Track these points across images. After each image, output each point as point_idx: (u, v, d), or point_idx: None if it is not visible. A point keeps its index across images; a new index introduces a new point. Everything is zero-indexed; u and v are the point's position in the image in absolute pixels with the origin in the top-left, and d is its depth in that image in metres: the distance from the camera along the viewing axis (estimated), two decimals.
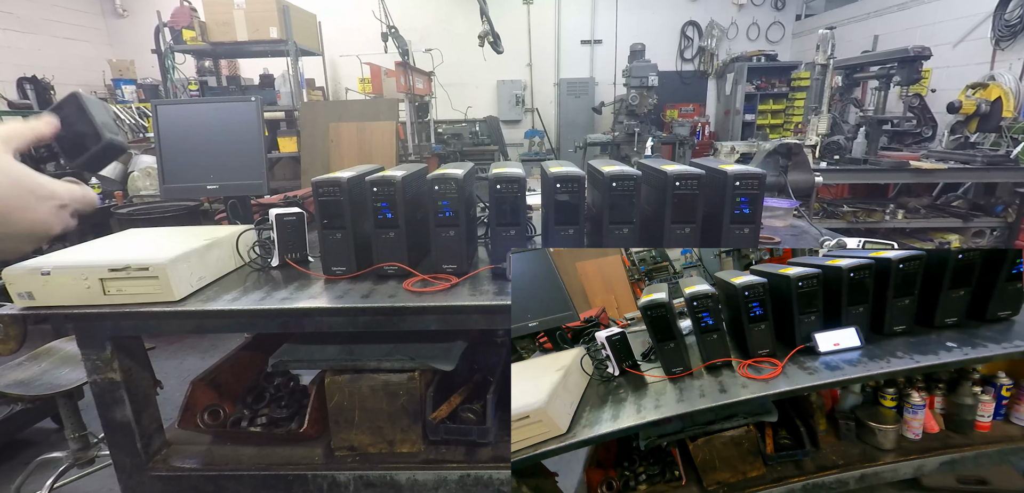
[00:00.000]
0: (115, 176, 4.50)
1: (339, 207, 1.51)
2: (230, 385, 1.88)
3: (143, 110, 6.52)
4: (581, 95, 8.60)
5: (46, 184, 0.60)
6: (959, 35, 5.53)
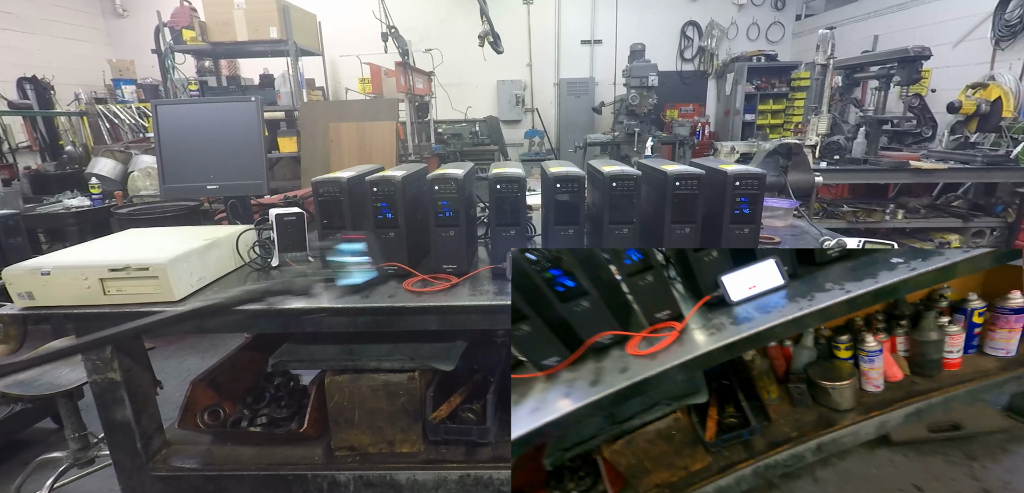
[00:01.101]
0: (115, 176, 4.50)
1: (339, 207, 1.51)
2: (230, 385, 1.88)
3: (143, 110, 6.52)
4: (581, 95, 8.59)
5: None
6: (959, 35, 5.53)
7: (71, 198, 4.12)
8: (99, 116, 6.43)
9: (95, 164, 4.54)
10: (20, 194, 4.09)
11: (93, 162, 4.61)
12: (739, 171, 1.47)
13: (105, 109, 6.50)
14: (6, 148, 6.24)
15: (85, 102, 6.84)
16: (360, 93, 7.46)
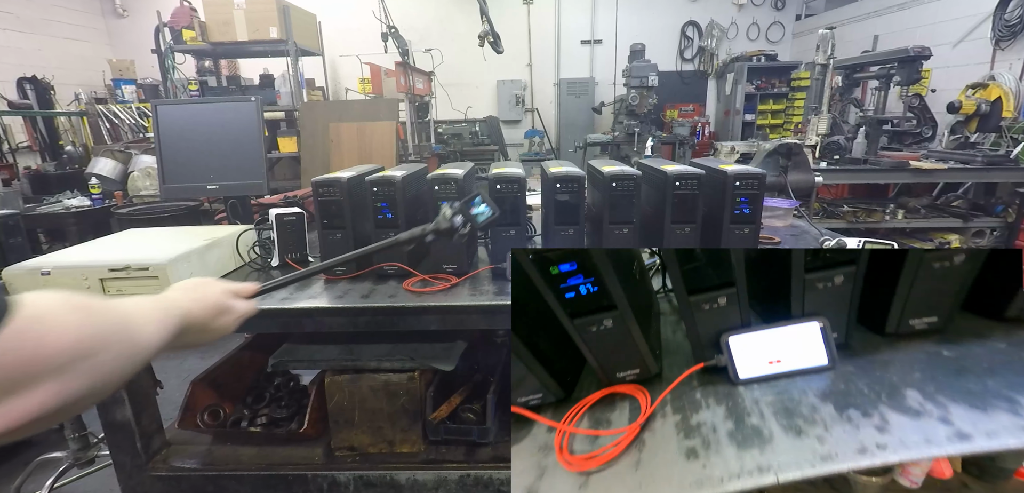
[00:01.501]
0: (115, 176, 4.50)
1: (339, 207, 1.51)
2: (230, 385, 1.88)
3: (143, 110, 6.52)
4: (581, 95, 8.59)
5: (234, 307, 0.85)
6: (959, 35, 5.53)
7: (71, 198, 4.12)
8: (99, 116, 6.43)
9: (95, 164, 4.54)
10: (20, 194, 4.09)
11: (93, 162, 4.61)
12: (739, 171, 1.46)
13: (105, 109, 6.50)
14: (6, 148, 6.24)
15: (85, 102, 6.84)
16: (360, 93, 7.47)
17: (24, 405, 0.46)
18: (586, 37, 8.86)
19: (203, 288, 0.80)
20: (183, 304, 0.73)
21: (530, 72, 8.90)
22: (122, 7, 8.35)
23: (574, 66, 8.92)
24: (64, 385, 0.49)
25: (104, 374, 0.54)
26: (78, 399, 0.51)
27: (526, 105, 9.01)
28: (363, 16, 6.70)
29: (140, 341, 0.61)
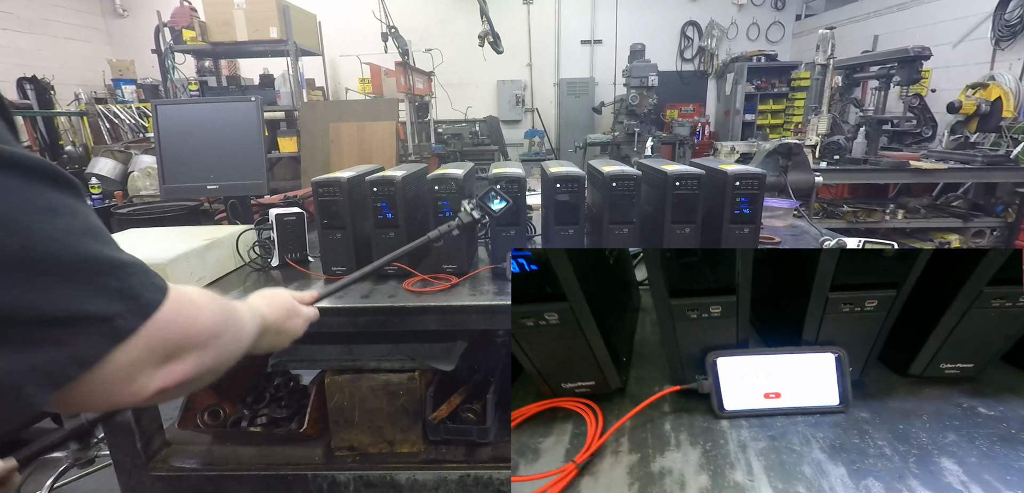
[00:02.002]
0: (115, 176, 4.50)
1: (339, 207, 1.51)
2: (230, 385, 1.88)
3: (143, 110, 6.52)
4: (581, 95, 8.59)
5: (301, 310, 0.93)
6: (959, 35, 5.53)
7: None
8: (99, 116, 6.43)
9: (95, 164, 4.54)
10: None
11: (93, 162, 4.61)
12: (739, 171, 1.46)
13: (105, 109, 6.50)
14: None
15: (85, 102, 6.83)
16: (360, 93, 7.46)
17: (180, 369, 0.55)
18: (586, 37, 8.85)
19: (274, 294, 0.89)
20: (262, 308, 0.81)
21: (530, 72, 8.90)
22: (122, 7, 8.35)
23: (574, 66, 8.92)
24: (202, 357, 0.58)
25: (224, 354, 0.63)
26: (207, 372, 0.59)
27: (526, 105, 9.01)
28: (363, 16, 6.69)
29: (244, 333, 0.70)
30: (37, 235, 0.43)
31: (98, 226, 0.50)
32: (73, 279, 0.45)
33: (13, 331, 0.42)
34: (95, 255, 0.47)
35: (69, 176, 0.49)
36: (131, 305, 0.49)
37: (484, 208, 1.25)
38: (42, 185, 0.45)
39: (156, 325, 0.51)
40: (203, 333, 0.58)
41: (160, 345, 0.52)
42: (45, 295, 0.43)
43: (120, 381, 0.49)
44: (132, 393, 0.50)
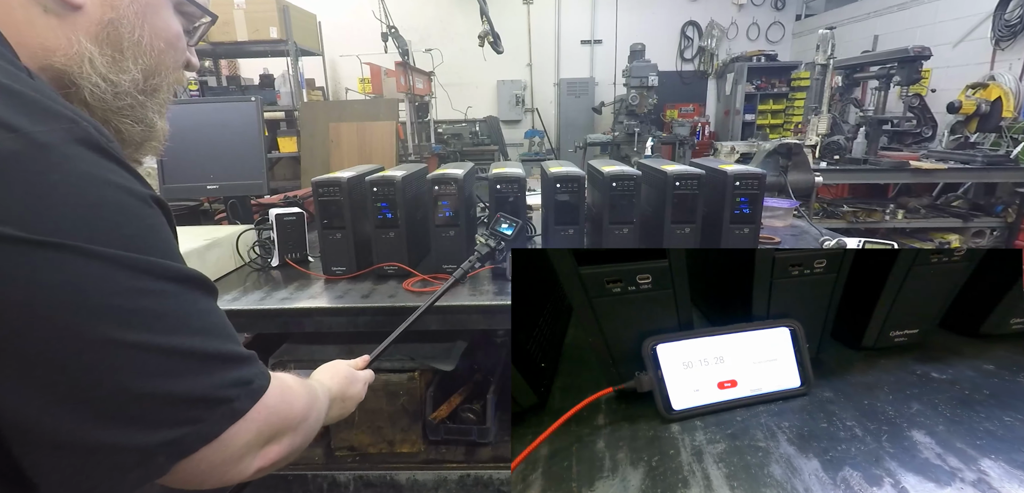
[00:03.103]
0: None
1: (339, 207, 1.51)
2: None
3: None
4: (581, 95, 8.59)
5: (359, 375, 0.99)
6: (959, 35, 5.53)
7: None
8: None
9: None
10: None
11: None
12: (739, 171, 1.46)
13: None
14: None
15: None
16: (360, 93, 7.46)
17: (276, 450, 0.62)
18: (586, 37, 8.85)
19: (335, 368, 0.96)
20: (328, 382, 0.87)
21: (530, 72, 8.90)
22: None
23: (574, 66, 8.92)
24: (294, 439, 0.65)
25: (310, 434, 0.70)
26: (295, 451, 0.67)
27: (526, 105, 9.01)
28: (363, 16, 6.69)
29: (322, 410, 0.76)
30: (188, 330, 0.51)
31: (226, 325, 0.58)
32: (207, 369, 0.53)
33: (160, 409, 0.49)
34: (226, 351, 0.55)
35: (212, 285, 0.58)
36: (246, 390, 0.56)
37: (498, 236, 1.39)
38: (196, 292, 0.54)
39: (264, 408, 0.57)
40: (297, 417, 0.66)
41: (266, 427, 0.58)
42: (187, 380, 0.51)
43: (231, 459, 0.55)
44: (238, 471, 0.57)
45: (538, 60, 8.84)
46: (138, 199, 0.51)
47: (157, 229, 0.53)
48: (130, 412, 0.48)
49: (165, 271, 0.51)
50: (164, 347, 0.49)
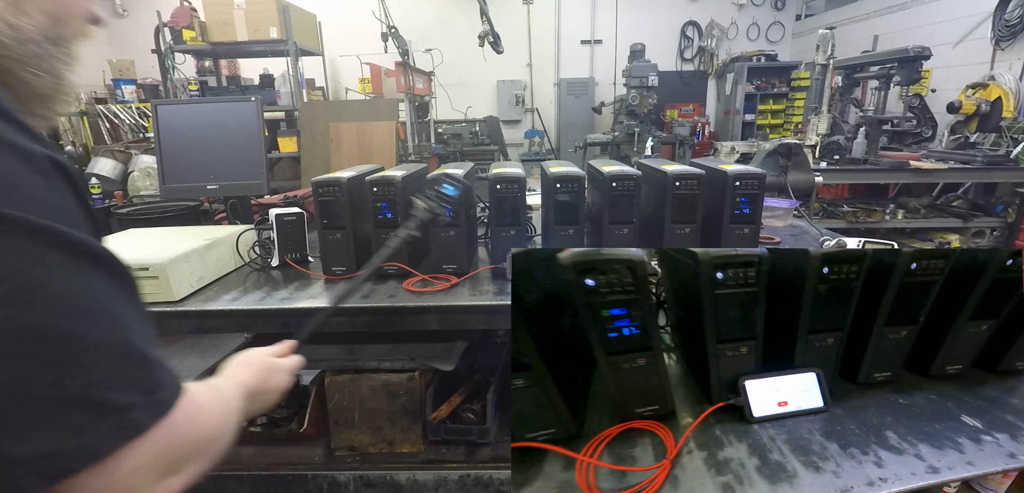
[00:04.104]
0: (115, 176, 4.50)
1: (339, 207, 1.51)
2: None
3: (143, 110, 6.52)
4: (581, 95, 8.59)
5: (281, 364, 0.90)
6: (959, 35, 5.53)
7: None
8: (99, 116, 6.43)
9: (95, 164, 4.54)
10: None
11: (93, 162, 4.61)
12: (739, 171, 1.47)
13: (105, 109, 6.50)
14: None
15: (85, 102, 6.83)
16: (360, 93, 7.46)
17: (179, 483, 0.50)
18: (586, 37, 8.85)
19: (250, 358, 0.85)
20: (242, 377, 0.77)
21: (530, 72, 8.90)
22: (122, 7, 8.35)
23: (574, 66, 8.92)
24: (200, 467, 0.54)
25: (219, 454, 0.59)
26: (200, 477, 0.55)
27: (526, 105, 9.00)
28: (363, 16, 6.69)
29: (235, 420, 0.67)
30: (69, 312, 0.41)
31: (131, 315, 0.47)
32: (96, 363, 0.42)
33: (24, 408, 0.37)
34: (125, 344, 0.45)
35: (122, 267, 0.48)
36: (148, 401, 0.46)
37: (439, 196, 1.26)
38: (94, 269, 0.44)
39: (170, 427, 0.47)
40: (208, 438, 0.55)
41: (169, 453, 0.48)
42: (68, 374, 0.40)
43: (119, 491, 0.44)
44: None
45: (538, 60, 8.84)
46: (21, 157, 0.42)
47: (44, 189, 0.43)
48: None
49: (49, 235, 0.40)
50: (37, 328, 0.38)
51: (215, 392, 0.62)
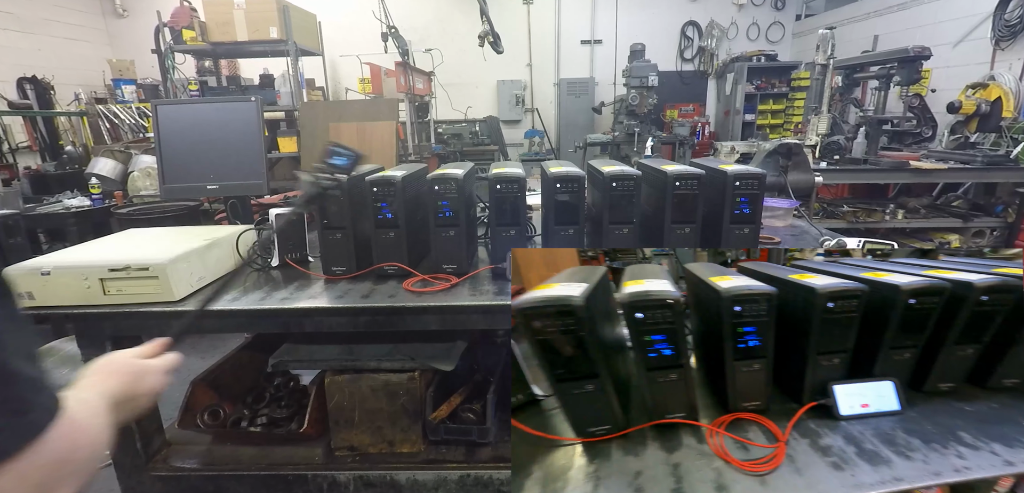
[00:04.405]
0: (115, 176, 4.50)
1: (339, 207, 1.51)
2: (230, 385, 1.88)
3: (143, 110, 6.51)
4: (581, 95, 8.59)
5: (151, 365, 0.82)
6: (959, 35, 5.53)
7: (71, 198, 4.12)
8: (99, 116, 6.43)
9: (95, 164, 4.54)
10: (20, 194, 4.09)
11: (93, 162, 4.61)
12: (739, 171, 1.47)
13: (105, 109, 6.50)
14: (6, 148, 6.24)
15: (85, 102, 6.83)
16: (360, 93, 7.47)
17: None
18: (586, 37, 8.85)
19: (113, 363, 0.77)
20: (106, 387, 0.72)
21: (530, 72, 8.90)
22: (122, 7, 8.35)
23: (574, 66, 8.92)
24: (74, 485, 0.51)
25: (92, 474, 0.55)
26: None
27: (526, 105, 9.01)
28: (363, 16, 6.69)
29: (107, 439, 0.63)
30: None
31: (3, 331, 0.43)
32: None
33: None
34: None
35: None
36: (18, 424, 0.42)
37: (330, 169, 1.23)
38: None
39: (43, 451, 0.44)
40: (84, 459, 0.51)
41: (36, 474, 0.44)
42: None
43: None
44: None
45: (538, 60, 8.84)
46: None
47: None
48: None
49: None
50: None
51: (87, 406, 0.59)
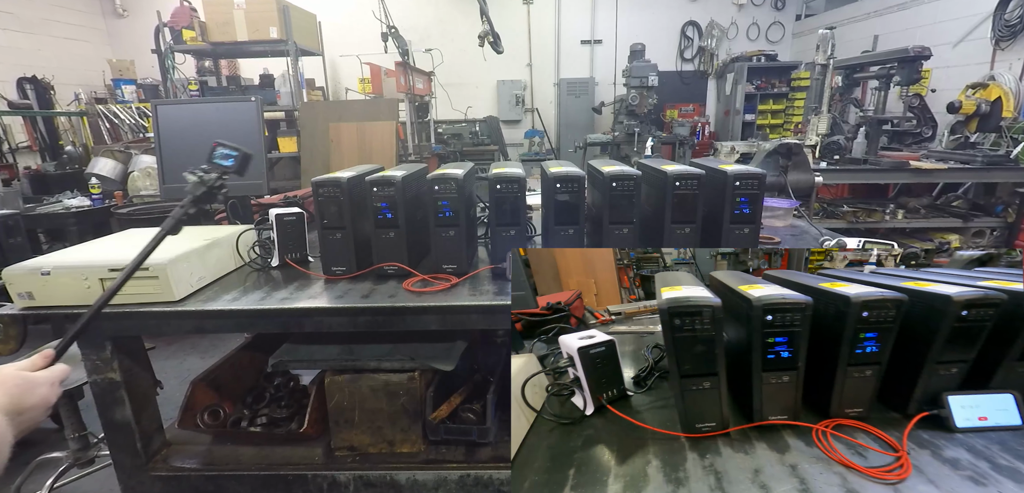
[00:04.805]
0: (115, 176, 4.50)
1: (339, 207, 1.51)
2: (230, 385, 1.88)
3: (143, 110, 6.51)
4: (581, 95, 8.59)
5: (39, 378, 0.80)
6: (959, 35, 5.53)
7: (71, 198, 4.12)
8: (99, 116, 6.43)
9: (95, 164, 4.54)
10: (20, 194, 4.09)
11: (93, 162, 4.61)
12: (739, 171, 1.47)
13: (105, 109, 6.50)
14: (6, 148, 6.24)
15: (85, 102, 6.84)
16: (360, 93, 7.46)
17: None
18: (586, 37, 8.86)
19: None
20: None
21: (530, 72, 8.90)
22: (122, 7, 8.35)
23: (574, 66, 8.92)
24: None
25: None
26: None
27: (526, 105, 9.01)
28: (363, 16, 6.70)
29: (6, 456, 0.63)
30: None
31: None
32: None
33: None
34: None
35: None
36: None
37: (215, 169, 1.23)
38: None
39: None
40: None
41: None
42: None
43: None
44: None
45: (538, 60, 8.84)
46: None
47: None
48: None
49: None
50: None
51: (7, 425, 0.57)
